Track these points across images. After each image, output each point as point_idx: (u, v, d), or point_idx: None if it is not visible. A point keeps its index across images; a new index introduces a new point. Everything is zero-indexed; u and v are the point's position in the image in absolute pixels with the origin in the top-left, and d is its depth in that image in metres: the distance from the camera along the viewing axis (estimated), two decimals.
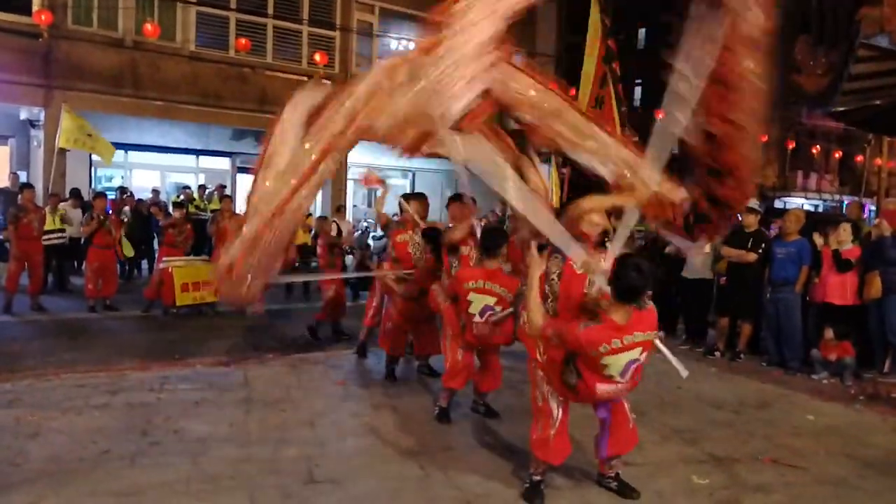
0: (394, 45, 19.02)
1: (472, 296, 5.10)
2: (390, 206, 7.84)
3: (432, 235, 6.24)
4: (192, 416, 5.42)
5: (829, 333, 7.62)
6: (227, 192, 15.53)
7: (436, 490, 4.25)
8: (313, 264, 11.43)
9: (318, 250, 8.75)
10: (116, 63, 14.58)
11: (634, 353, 3.87)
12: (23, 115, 15.03)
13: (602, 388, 3.92)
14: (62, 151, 13.53)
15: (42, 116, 14.06)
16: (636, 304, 3.84)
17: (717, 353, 8.53)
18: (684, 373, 4.45)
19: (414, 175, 22.20)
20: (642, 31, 35.33)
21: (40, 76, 13.70)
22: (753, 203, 8.83)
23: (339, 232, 10.90)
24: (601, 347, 3.76)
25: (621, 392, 4.06)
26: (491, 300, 5.10)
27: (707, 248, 8.71)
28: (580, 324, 3.82)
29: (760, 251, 8.17)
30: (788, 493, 4.44)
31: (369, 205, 22.65)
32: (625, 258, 3.94)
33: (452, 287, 5.34)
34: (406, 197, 7.19)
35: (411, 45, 19.28)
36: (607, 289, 3.91)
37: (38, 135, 14.76)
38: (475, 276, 5.14)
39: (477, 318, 5.13)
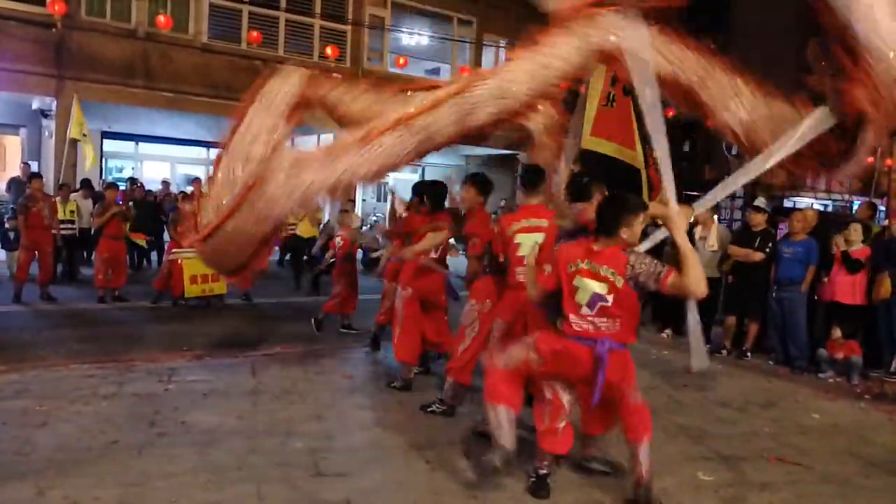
0: (406, 39, 19.02)
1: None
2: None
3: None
4: (200, 407, 5.45)
5: (836, 332, 7.62)
6: None
7: (442, 483, 4.27)
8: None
9: (341, 242, 8.69)
10: (129, 54, 14.65)
11: (601, 287, 3.86)
12: (35, 105, 15.11)
13: (575, 320, 3.93)
14: (73, 142, 13.61)
15: (54, 106, 14.14)
16: (614, 238, 3.89)
17: (724, 352, 8.53)
18: (697, 365, 4.40)
19: (424, 170, 22.20)
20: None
21: (53, 66, 13.78)
22: (761, 202, 8.81)
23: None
24: (576, 262, 3.93)
25: (591, 334, 3.92)
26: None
27: (715, 246, 8.71)
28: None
29: (767, 250, 8.16)
30: (793, 492, 4.44)
31: (378, 199, 22.69)
32: (611, 194, 4.07)
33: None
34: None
35: (423, 41, 19.32)
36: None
37: (49, 125, 14.83)
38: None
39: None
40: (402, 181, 22.51)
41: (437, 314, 6.52)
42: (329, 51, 16.26)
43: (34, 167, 13.89)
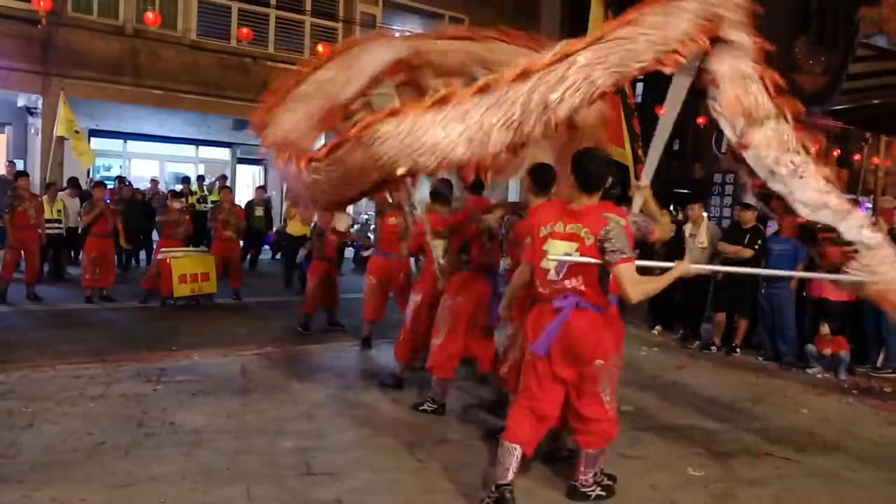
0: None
1: None
2: None
3: None
4: (189, 407, 5.42)
5: (824, 328, 7.67)
6: (227, 183, 15.50)
7: (433, 482, 4.26)
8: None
9: (327, 241, 8.64)
10: (116, 51, 14.54)
11: (570, 247, 3.76)
12: (20, 103, 14.98)
13: (542, 289, 3.89)
14: (60, 140, 13.49)
15: (40, 104, 14.03)
16: (593, 196, 3.82)
17: (714, 348, 8.57)
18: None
19: None
20: None
21: (39, 63, 13.68)
22: (750, 199, 8.84)
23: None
24: (548, 225, 3.85)
25: (555, 294, 3.83)
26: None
27: (705, 243, 8.73)
28: None
29: (757, 247, 8.20)
30: (782, 486, 4.46)
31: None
32: (586, 150, 3.97)
33: None
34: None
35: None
36: None
37: (35, 122, 14.72)
38: None
39: None
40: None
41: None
42: (320, 48, 16.18)
43: (20, 165, 13.76)
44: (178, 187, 14.28)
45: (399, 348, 6.27)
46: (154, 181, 15.83)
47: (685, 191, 18.58)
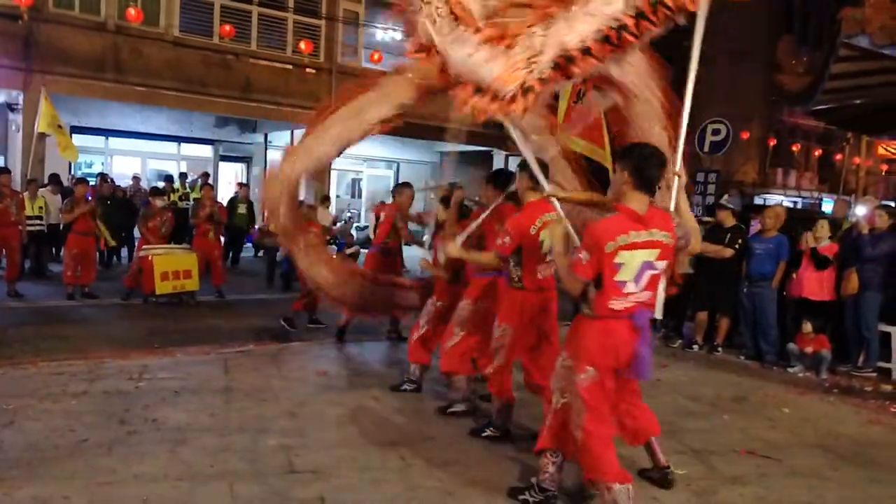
0: (380, 35, 18.94)
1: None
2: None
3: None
4: (171, 405, 5.39)
5: (807, 327, 7.75)
6: (210, 180, 15.42)
7: (417, 480, 4.26)
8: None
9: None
10: (98, 47, 14.41)
11: (651, 255, 3.55)
12: (1, 99, 14.84)
13: (615, 303, 3.57)
14: (41, 136, 13.34)
15: (21, 100, 13.87)
16: (651, 196, 3.63)
17: (696, 347, 8.63)
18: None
19: (399, 166, 22.18)
20: None
21: (20, 59, 13.51)
22: (726, 200, 8.94)
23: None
24: (618, 238, 3.48)
25: (630, 309, 3.60)
26: None
27: None
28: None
29: (737, 246, 8.27)
30: (763, 485, 4.50)
31: (353, 195, 22.62)
32: (639, 146, 3.80)
33: None
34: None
35: (398, 36, 19.24)
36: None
37: (16, 119, 14.57)
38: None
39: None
40: (375, 177, 22.52)
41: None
42: (302, 45, 16.15)
43: (0, 162, 13.63)
44: (161, 184, 14.17)
45: (423, 351, 6.13)
46: (136, 178, 15.74)
47: None
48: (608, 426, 3.73)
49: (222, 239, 12.14)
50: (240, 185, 15.52)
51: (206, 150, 18.81)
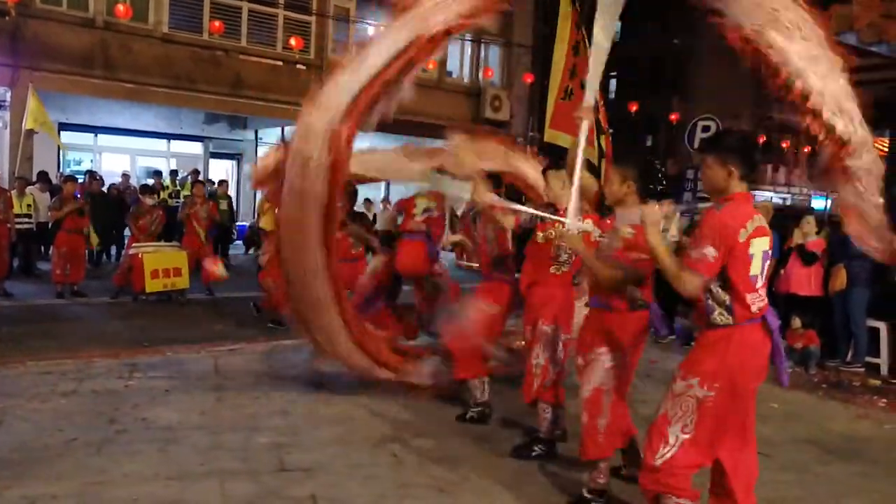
0: (371, 31, 18.90)
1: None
2: None
3: None
4: (161, 403, 5.37)
5: (796, 322, 7.79)
6: (200, 177, 15.33)
7: (408, 477, 4.27)
8: None
9: None
10: (87, 44, 14.34)
11: (766, 243, 3.16)
12: None
13: (751, 300, 3.11)
14: (29, 133, 13.26)
15: (8, 97, 13.80)
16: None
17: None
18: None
19: None
20: (617, 25, 35.47)
21: (7, 55, 13.43)
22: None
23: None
24: (748, 224, 3.05)
25: (763, 309, 3.20)
26: None
27: (676, 237, 8.81)
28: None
29: None
30: None
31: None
32: (731, 134, 3.58)
33: None
34: None
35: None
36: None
37: (3, 116, 14.45)
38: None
39: None
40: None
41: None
42: (293, 42, 16.10)
43: None
44: (150, 182, 14.11)
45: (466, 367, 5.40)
46: (125, 175, 15.64)
47: (659, 187, 18.82)
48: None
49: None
50: (222, 182, 15.30)
51: (195, 147, 18.73)
